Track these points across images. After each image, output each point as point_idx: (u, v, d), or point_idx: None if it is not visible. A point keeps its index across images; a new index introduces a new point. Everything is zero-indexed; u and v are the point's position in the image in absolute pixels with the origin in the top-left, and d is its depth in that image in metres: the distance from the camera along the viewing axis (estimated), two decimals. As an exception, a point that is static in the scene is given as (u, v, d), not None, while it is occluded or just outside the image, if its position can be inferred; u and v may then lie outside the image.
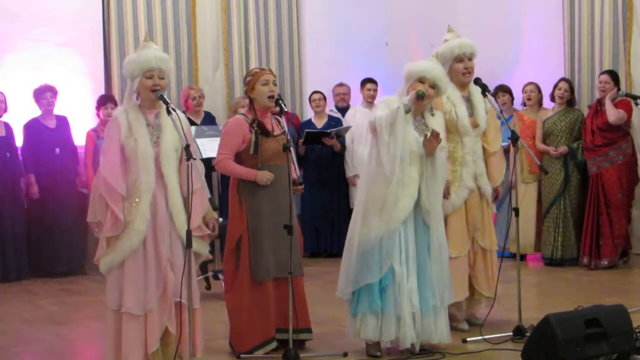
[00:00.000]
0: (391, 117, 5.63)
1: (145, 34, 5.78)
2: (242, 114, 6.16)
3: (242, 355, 5.89)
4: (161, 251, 5.29)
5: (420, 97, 5.68)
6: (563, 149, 9.45)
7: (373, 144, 5.82)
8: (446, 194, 6.27)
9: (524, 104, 10.05)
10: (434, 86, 5.86)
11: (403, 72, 5.98)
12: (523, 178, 9.84)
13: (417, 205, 5.78)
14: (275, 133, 6.05)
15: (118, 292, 5.29)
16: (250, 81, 6.07)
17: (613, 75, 9.25)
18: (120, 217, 5.20)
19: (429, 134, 5.75)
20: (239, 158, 6.02)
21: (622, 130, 9.11)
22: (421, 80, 5.84)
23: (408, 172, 5.73)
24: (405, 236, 5.76)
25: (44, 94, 9.57)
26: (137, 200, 5.23)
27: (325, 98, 10.71)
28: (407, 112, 5.66)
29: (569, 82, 9.70)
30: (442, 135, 5.87)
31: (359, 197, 5.90)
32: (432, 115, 5.97)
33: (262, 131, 5.99)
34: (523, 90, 10.02)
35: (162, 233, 5.30)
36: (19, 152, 9.56)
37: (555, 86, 9.65)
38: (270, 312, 5.97)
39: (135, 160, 5.26)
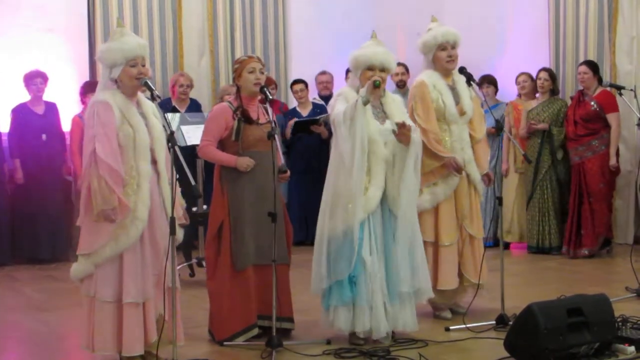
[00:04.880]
0: (350, 111, 5.63)
1: (118, 20, 5.72)
2: (228, 101, 6.18)
3: (225, 343, 5.91)
4: (157, 239, 5.27)
5: (377, 86, 5.68)
6: (544, 125, 9.44)
7: (335, 139, 5.84)
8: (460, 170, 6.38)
9: (519, 95, 10.08)
10: (383, 69, 5.89)
11: (349, 61, 6.00)
12: (516, 168, 9.90)
13: (383, 193, 5.81)
14: (260, 121, 6.06)
15: (115, 283, 5.19)
16: (238, 69, 6.11)
17: (591, 65, 9.27)
18: (125, 201, 5.11)
19: (396, 130, 5.77)
20: (222, 144, 6.06)
21: (604, 120, 9.13)
22: (370, 68, 5.87)
23: (374, 161, 5.76)
24: (373, 226, 5.78)
25: (34, 80, 9.54)
26: (137, 188, 5.17)
27: (307, 87, 10.70)
28: (365, 104, 5.66)
29: (549, 71, 9.72)
30: (405, 116, 5.95)
31: (325, 192, 5.90)
32: (383, 96, 5.95)
33: (245, 118, 6.01)
34: (516, 82, 10.04)
35: (158, 220, 5.28)
36: (5, 137, 9.52)
37: (536, 77, 9.70)
38: (251, 298, 5.99)
39: (132, 148, 5.17)
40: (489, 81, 10.22)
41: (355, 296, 5.74)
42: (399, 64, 10.51)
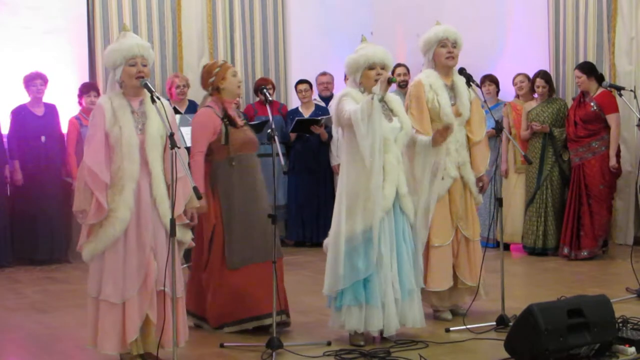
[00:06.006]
0: (367, 108, 5.62)
1: (124, 24, 5.77)
2: (209, 105, 6.25)
3: (225, 344, 5.93)
4: (144, 239, 5.28)
5: (393, 82, 5.69)
6: (545, 127, 9.44)
7: (348, 139, 5.83)
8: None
9: (517, 95, 10.07)
10: (383, 67, 5.92)
11: (346, 64, 6.00)
12: (517, 168, 9.89)
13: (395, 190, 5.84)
14: (239, 124, 6.26)
15: (98, 280, 5.29)
16: (219, 72, 6.24)
17: (584, 68, 9.24)
18: (104, 205, 5.18)
19: (440, 127, 5.84)
20: (210, 149, 6.17)
21: (604, 121, 9.13)
22: (371, 67, 5.89)
23: (388, 160, 5.77)
24: (388, 223, 5.80)
25: (34, 81, 9.53)
26: (121, 188, 5.21)
27: (311, 87, 10.70)
28: (380, 101, 5.67)
29: (544, 77, 9.67)
30: (402, 113, 6.03)
31: (340, 192, 5.89)
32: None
33: (231, 122, 6.17)
34: (513, 82, 10.04)
35: (146, 221, 5.29)
36: (4, 138, 9.52)
37: (532, 82, 9.72)
38: (243, 297, 6.14)
39: (119, 148, 5.23)
40: (490, 80, 10.22)
41: (368, 295, 5.76)
42: (401, 65, 10.53)
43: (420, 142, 6.09)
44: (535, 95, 9.83)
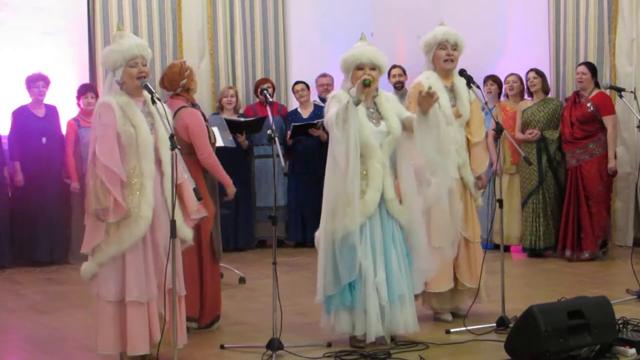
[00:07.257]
0: (342, 113, 5.57)
1: (118, 24, 5.76)
2: (185, 105, 6.35)
3: (225, 345, 5.94)
4: (159, 239, 5.29)
5: (367, 85, 5.62)
6: (536, 132, 9.42)
7: (330, 141, 5.82)
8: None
9: (506, 95, 10.06)
10: (374, 67, 5.86)
11: (340, 64, 5.98)
12: (505, 169, 9.86)
13: (381, 196, 5.80)
14: None
15: (118, 283, 5.24)
16: (190, 74, 6.40)
17: (590, 67, 9.27)
18: (122, 202, 5.16)
19: (424, 92, 5.67)
20: (192, 147, 6.29)
21: (600, 122, 9.13)
22: (360, 67, 5.84)
23: (371, 165, 5.74)
24: (371, 228, 5.76)
25: (36, 83, 9.52)
26: (139, 187, 5.21)
27: (308, 87, 10.70)
28: (356, 104, 5.59)
29: (535, 70, 9.64)
30: (401, 113, 5.96)
31: (324, 196, 5.90)
32: (376, 95, 5.92)
33: (207, 121, 6.44)
34: (505, 81, 10.04)
35: (160, 221, 5.30)
36: (5, 139, 9.52)
37: (525, 80, 9.72)
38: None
39: (134, 148, 5.22)
40: (493, 80, 10.20)
41: (355, 300, 5.74)
42: (397, 66, 10.53)
43: (413, 119, 5.92)
44: (527, 97, 9.81)
